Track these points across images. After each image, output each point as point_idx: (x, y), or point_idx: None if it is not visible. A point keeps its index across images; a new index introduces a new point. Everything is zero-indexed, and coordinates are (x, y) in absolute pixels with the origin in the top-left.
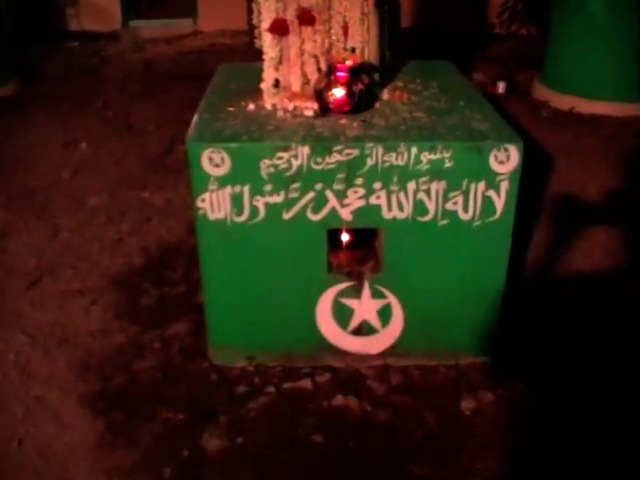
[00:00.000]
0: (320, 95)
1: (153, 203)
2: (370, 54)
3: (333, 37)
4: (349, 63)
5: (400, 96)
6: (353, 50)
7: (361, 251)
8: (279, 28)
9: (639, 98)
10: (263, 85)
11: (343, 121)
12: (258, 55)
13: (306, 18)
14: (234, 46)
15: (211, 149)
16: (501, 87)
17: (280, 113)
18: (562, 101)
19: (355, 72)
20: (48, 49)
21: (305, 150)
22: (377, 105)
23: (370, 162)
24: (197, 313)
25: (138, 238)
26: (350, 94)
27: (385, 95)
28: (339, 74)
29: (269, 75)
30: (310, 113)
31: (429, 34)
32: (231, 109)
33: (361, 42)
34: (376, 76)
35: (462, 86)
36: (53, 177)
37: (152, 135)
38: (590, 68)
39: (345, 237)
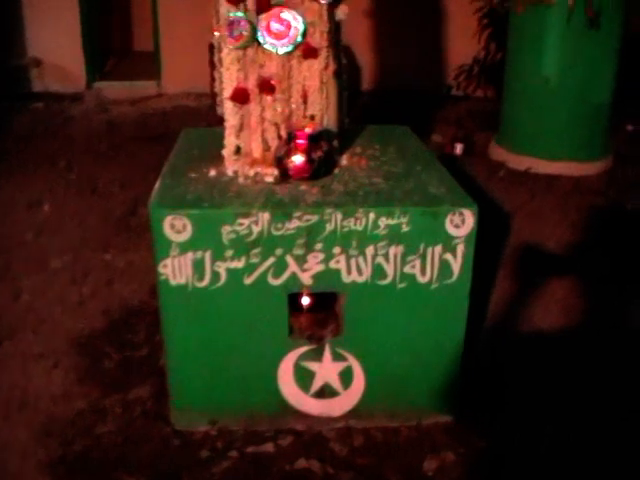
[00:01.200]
0: (280, 162)
1: (115, 265)
2: (329, 121)
3: (293, 105)
4: (308, 130)
5: (359, 162)
6: (312, 117)
7: (321, 314)
8: (240, 96)
9: (593, 157)
10: (224, 151)
11: (303, 187)
12: (220, 119)
13: (266, 87)
14: (197, 108)
15: (173, 215)
16: (459, 148)
17: (241, 179)
18: (519, 161)
19: (314, 139)
20: (12, 109)
21: (265, 216)
22: (336, 171)
23: (329, 227)
24: (159, 376)
25: (100, 300)
26: (309, 161)
27: (344, 161)
28: (299, 141)
29: (230, 142)
30: (270, 179)
31: (387, 96)
32: (193, 175)
33: (320, 109)
34: (335, 142)
35: (419, 151)
36: (16, 238)
37: (116, 197)
38: (545, 129)
39: (306, 300)
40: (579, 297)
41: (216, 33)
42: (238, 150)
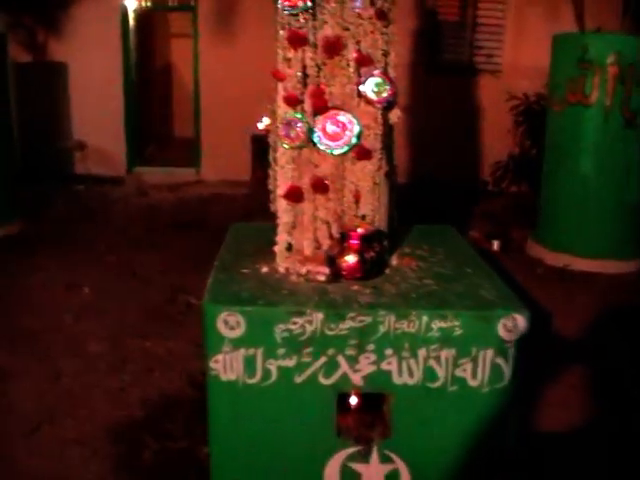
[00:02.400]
0: (332, 261)
1: (155, 353)
2: (380, 221)
3: (345, 205)
4: (361, 231)
5: (409, 262)
6: (364, 217)
7: (369, 415)
8: (294, 195)
9: (631, 255)
10: (276, 248)
11: (355, 287)
12: (256, 208)
13: (320, 187)
14: (233, 196)
15: (227, 312)
16: (496, 244)
17: (293, 277)
18: (556, 259)
19: (367, 240)
20: (54, 191)
21: (319, 316)
22: (387, 271)
23: (382, 329)
24: (199, 470)
25: (139, 388)
26: (362, 261)
27: (394, 261)
28: (352, 242)
29: (282, 239)
30: (322, 278)
31: (423, 190)
32: (245, 271)
33: (372, 210)
34: (386, 243)
35: (466, 252)
36: (56, 321)
37: (154, 282)
38: (583, 227)
39: (354, 400)
40: (613, 399)
41: (260, 125)
42: (290, 247)
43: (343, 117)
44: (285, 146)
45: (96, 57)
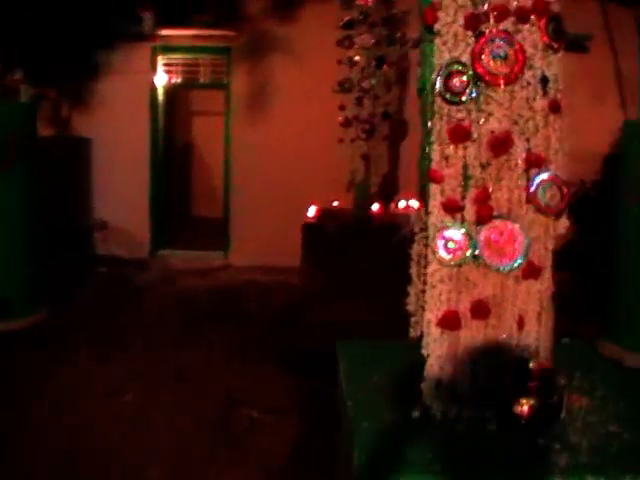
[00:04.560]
0: (502, 404)
1: None
2: (545, 352)
3: (505, 332)
4: (538, 368)
5: (578, 399)
6: (527, 348)
7: None
8: (451, 322)
9: None
10: (424, 385)
11: (541, 440)
12: (304, 302)
13: (481, 311)
14: (267, 284)
15: None
16: None
17: (453, 423)
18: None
19: (546, 379)
20: (75, 273)
21: None
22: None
23: None
24: None
25: None
26: (542, 406)
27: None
28: (529, 382)
29: (432, 374)
30: (492, 427)
31: None
32: (392, 416)
33: (536, 339)
34: (564, 382)
35: (620, 378)
36: (103, 440)
37: (204, 388)
38: None
39: None
40: None
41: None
42: (439, 383)
43: (510, 227)
44: (442, 262)
45: (122, 133)
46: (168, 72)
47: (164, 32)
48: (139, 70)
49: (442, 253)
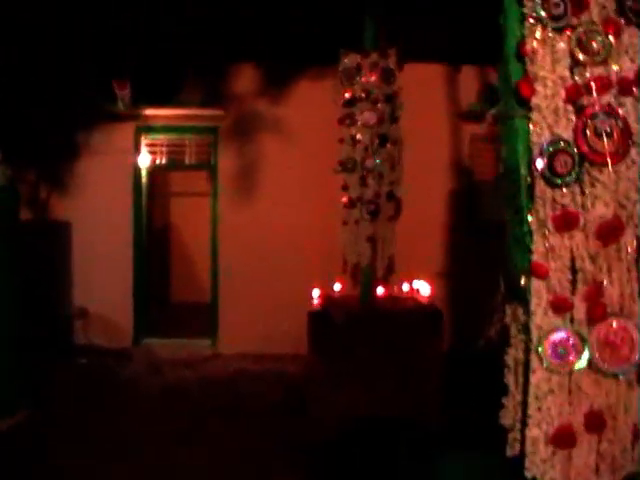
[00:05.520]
0: None
1: None
2: None
3: (620, 447)
4: None
5: None
6: None
7: None
8: (565, 438)
9: None
10: None
11: None
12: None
13: (596, 424)
14: (260, 374)
15: None
16: None
17: None
18: None
19: None
20: (54, 365)
21: None
22: None
23: None
24: None
25: None
26: None
27: None
28: None
29: None
30: None
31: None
32: None
33: None
34: None
35: None
36: None
37: None
38: None
39: None
40: None
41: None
42: None
43: (624, 326)
44: (550, 370)
45: (104, 216)
46: (152, 153)
47: (148, 112)
48: (122, 151)
49: (551, 360)
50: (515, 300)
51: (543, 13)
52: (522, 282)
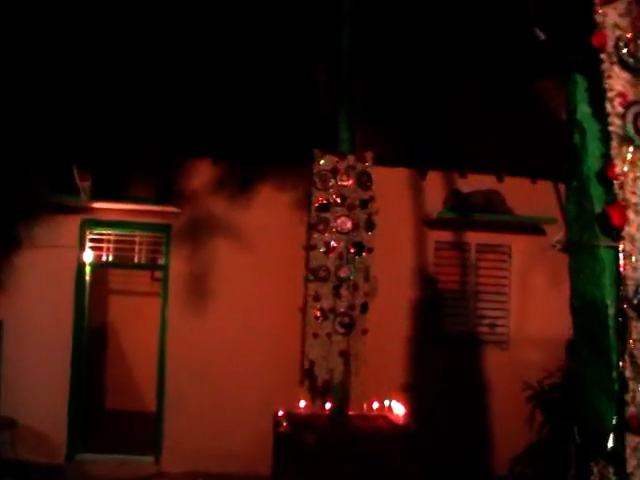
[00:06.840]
0: None
1: None
2: None
3: None
4: None
5: None
6: None
7: None
8: None
9: None
10: None
11: None
12: None
13: None
14: None
15: None
16: None
17: None
18: None
19: None
20: None
21: None
22: None
23: None
24: None
25: None
26: None
27: None
28: None
29: None
30: None
31: None
32: None
33: None
34: None
35: None
36: None
37: None
38: None
39: None
40: None
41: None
42: None
43: None
44: None
45: (40, 315)
46: (98, 248)
47: (96, 205)
48: (65, 245)
49: None
50: (602, 458)
51: (632, 131)
52: (610, 443)
